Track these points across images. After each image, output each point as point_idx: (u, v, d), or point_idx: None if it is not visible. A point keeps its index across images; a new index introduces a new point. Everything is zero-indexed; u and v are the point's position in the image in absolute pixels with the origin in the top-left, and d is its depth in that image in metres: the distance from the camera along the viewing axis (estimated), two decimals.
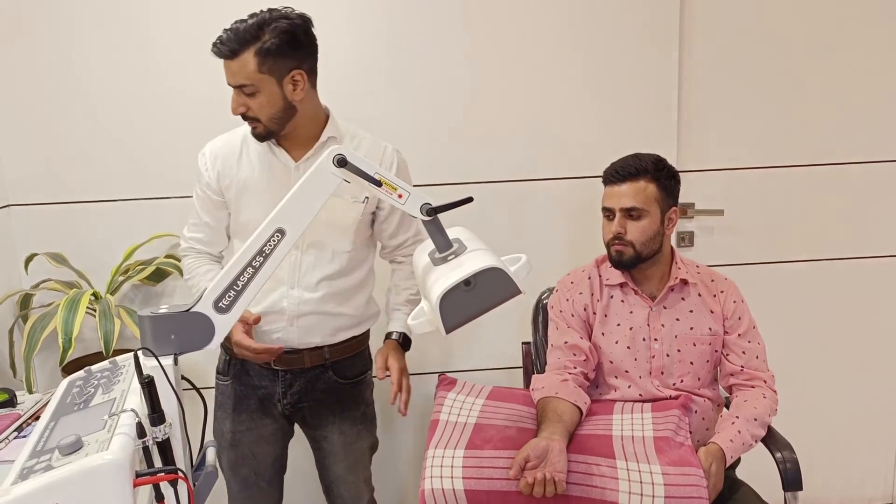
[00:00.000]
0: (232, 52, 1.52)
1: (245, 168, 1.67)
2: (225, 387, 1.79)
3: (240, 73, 1.53)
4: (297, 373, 1.75)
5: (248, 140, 1.69)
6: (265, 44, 1.52)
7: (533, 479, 1.41)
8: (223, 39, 1.52)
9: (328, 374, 1.76)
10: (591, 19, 2.16)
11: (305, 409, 1.78)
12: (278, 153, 1.67)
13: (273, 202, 1.62)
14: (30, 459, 0.93)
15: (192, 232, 1.77)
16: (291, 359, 1.72)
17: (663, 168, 1.71)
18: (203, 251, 1.77)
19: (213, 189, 1.70)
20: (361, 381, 1.84)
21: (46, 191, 2.15)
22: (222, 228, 1.76)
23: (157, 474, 0.95)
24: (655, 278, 1.77)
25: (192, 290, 1.76)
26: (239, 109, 1.58)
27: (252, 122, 1.60)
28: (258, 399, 1.77)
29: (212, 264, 1.77)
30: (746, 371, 1.73)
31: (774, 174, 2.33)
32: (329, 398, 1.78)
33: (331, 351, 1.75)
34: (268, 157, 1.67)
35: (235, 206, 1.69)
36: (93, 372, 1.20)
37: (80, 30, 2.06)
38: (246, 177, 1.67)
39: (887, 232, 2.39)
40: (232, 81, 1.55)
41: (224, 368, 1.80)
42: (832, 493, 2.53)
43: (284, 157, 1.67)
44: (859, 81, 2.28)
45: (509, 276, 1.19)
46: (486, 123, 2.20)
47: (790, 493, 1.64)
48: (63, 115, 2.11)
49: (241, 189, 1.67)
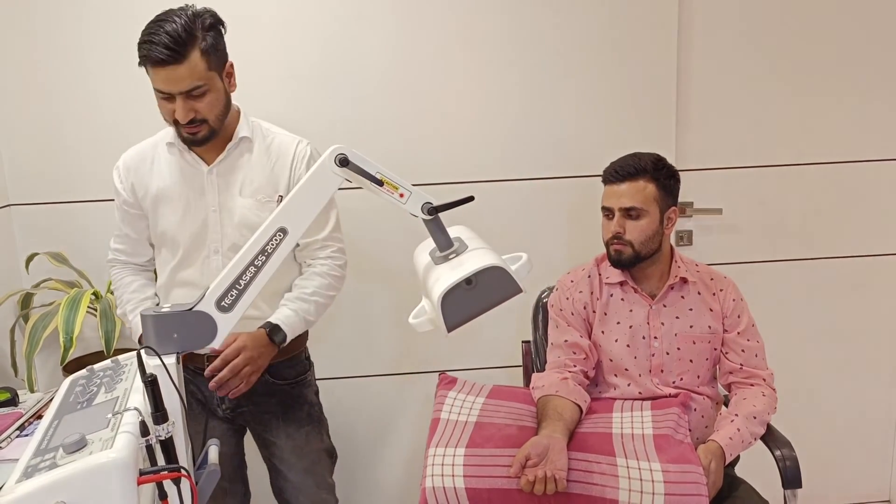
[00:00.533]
0: (181, 56, 1.47)
1: (156, 178, 1.65)
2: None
3: (191, 75, 1.48)
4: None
5: (158, 148, 1.67)
6: (205, 41, 1.49)
7: (534, 477, 1.42)
8: (165, 45, 1.45)
9: (265, 377, 1.66)
10: (590, 18, 2.17)
11: (247, 413, 1.76)
12: (189, 159, 1.64)
13: (189, 210, 1.63)
14: (34, 457, 0.93)
15: (116, 244, 1.77)
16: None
17: (663, 168, 1.72)
18: (127, 262, 1.77)
19: (129, 202, 1.69)
20: (302, 381, 1.80)
21: (47, 190, 2.15)
22: (143, 239, 1.75)
23: (160, 472, 0.96)
24: (655, 277, 1.78)
25: (118, 301, 1.75)
26: (189, 115, 1.52)
27: (196, 127, 1.54)
28: (200, 403, 1.76)
29: (136, 275, 1.77)
30: (745, 369, 1.74)
31: (773, 173, 2.33)
32: (269, 401, 1.75)
33: None
34: (179, 163, 1.65)
35: (153, 216, 1.67)
36: (95, 371, 1.20)
37: (82, 29, 2.06)
38: (158, 186, 1.65)
39: (885, 230, 2.40)
40: (181, 87, 1.49)
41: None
42: (830, 491, 2.54)
43: (196, 162, 1.64)
44: (857, 81, 2.29)
45: (510, 275, 1.20)
46: (486, 123, 2.20)
47: (789, 491, 1.64)
48: (63, 115, 2.11)
49: (155, 199, 1.65)
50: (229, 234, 1.65)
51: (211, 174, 1.64)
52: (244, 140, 1.65)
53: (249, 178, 1.65)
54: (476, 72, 2.17)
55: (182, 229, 1.66)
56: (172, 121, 1.55)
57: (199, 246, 1.66)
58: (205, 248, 1.66)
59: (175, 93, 1.50)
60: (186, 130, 1.56)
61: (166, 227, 1.66)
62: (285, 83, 2.12)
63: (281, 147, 1.68)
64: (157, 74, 1.49)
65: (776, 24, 2.24)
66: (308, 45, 2.10)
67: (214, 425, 1.77)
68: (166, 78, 1.49)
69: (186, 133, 1.56)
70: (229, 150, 1.64)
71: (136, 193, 1.68)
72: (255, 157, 1.67)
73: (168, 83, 1.49)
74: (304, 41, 2.10)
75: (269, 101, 2.08)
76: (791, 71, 2.27)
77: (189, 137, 1.57)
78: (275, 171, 1.66)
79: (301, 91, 2.12)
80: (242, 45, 2.09)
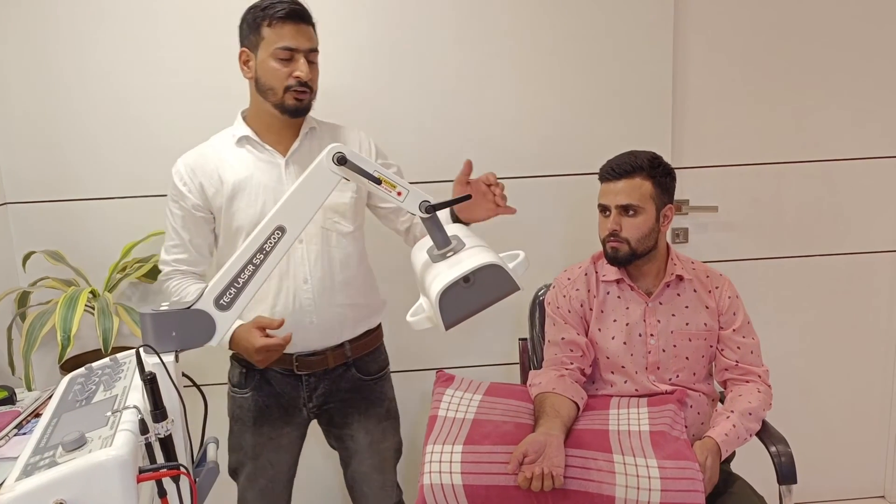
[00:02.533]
0: (310, 17, 1.60)
1: (229, 173, 1.65)
2: (243, 399, 1.76)
3: (314, 37, 1.61)
4: (321, 375, 1.74)
5: (222, 148, 1.68)
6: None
7: (531, 473, 1.43)
8: (299, 3, 1.58)
9: (351, 372, 1.76)
10: (587, 17, 2.17)
11: (332, 409, 1.78)
12: (265, 151, 1.67)
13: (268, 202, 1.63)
14: (33, 456, 0.93)
15: (174, 254, 1.70)
16: (314, 361, 1.72)
17: (659, 165, 1.72)
18: (188, 272, 1.71)
19: (198, 205, 1.66)
20: (382, 376, 1.85)
21: (44, 188, 2.14)
22: (206, 245, 1.72)
23: (159, 470, 0.96)
24: (651, 274, 1.79)
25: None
26: (308, 76, 1.59)
27: (305, 93, 1.61)
28: (281, 408, 1.76)
29: (200, 283, 1.70)
30: (741, 366, 1.75)
31: (768, 171, 2.34)
32: (354, 397, 1.78)
33: (352, 348, 1.75)
34: (253, 157, 1.66)
35: (227, 212, 1.65)
36: (94, 369, 1.20)
37: (78, 27, 2.06)
38: (235, 180, 1.64)
39: (879, 228, 2.41)
40: (311, 44, 1.60)
41: (241, 381, 1.76)
42: (825, 487, 2.55)
43: (272, 155, 1.66)
44: (852, 79, 2.30)
45: (508, 273, 1.20)
46: (482, 121, 2.21)
47: (784, 487, 1.65)
48: (60, 113, 2.10)
49: (231, 193, 1.64)
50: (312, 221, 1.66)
51: (288, 167, 1.66)
52: (312, 129, 1.70)
53: None
54: (472, 70, 2.17)
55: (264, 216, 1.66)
56: (283, 87, 1.59)
57: None
58: None
59: (303, 49, 1.58)
60: (297, 95, 1.60)
61: (243, 221, 1.64)
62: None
63: (345, 134, 1.75)
64: (288, 30, 1.56)
65: (771, 22, 2.25)
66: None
67: (286, 432, 1.78)
68: (297, 33, 1.57)
69: (295, 98, 1.60)
70: (302, 140, 1.68)
71: (205, 193, 1.66)
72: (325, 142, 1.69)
73: (298, 38, 1.57)
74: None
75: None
76: (786, 69, 2.28)
77: (295, 104, 1.61)
78: None
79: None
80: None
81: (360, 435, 1.80)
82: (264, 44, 1.58)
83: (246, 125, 1.68)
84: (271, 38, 1.57)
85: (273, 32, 1.57)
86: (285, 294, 1.66)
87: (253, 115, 1.69)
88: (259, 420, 1.75)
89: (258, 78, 1.61)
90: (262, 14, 1.58)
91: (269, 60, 1.58)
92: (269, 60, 1.58)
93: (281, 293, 1.66)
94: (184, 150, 1.67)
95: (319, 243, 1.67)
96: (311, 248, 1.66)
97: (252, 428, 1.76)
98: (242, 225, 1.64)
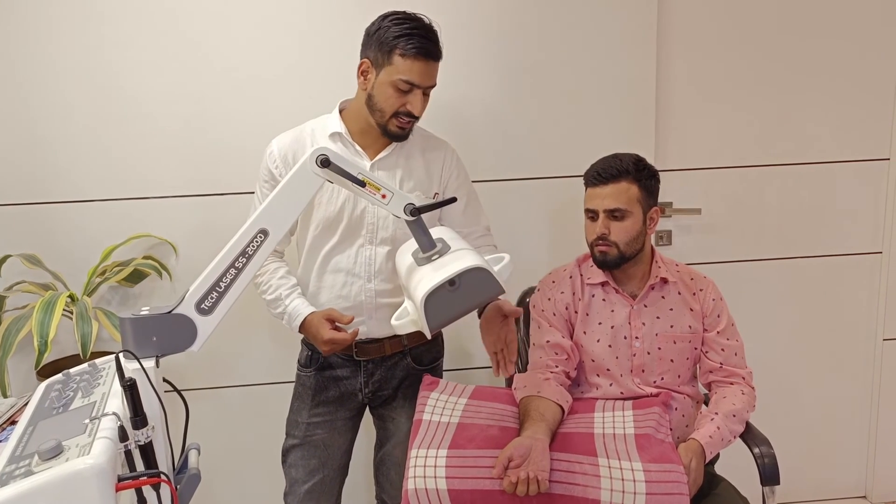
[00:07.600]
0: (441, 56, 1.62)
1: None
2: (306, 377, 1.83)
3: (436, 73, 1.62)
4: (378, 361, 1.79)
5: (315, 134, 1.71)
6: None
7: (516, 478, 1.42)
8: (437, 43, 1.60)
9: (406, 361, 1.81)
10: (570, 21, 2.17)
11: (386, 395, 1.83)
12: (355, 153, 1.69)
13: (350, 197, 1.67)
14: (9, 465, 0.91)
15: None
16: (371, 348, 1.77)
17: (644, 168, 1.73)
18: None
19: None
20: (436, 367, 1.89)
21: (20, 191, 2.10)
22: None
23: (139, 478, 0.94)
24: (636, 277, 1.79)
25: (266, 286, 1.76)
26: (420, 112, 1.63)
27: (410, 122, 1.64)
28: (339, 391, 1.81)
29: (279, 262, 1.79)
30: (725, 368, 1.76)
31: (751, 173, 2.36)
32: (405, 384, 1.83)
33: (409, 337, 1.78)
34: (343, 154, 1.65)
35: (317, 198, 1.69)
36: (72, 375, 1.18)
37: (55, 28, 2.03)
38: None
39: (861, 230, 2.43)
40: (433, 81, 1.62)
41: (307, 362, 1.83)
42: (807, 487, 2.58)
43: (359, 158, 1.69)
44: (834, 82, 2.32)
45: (493, 276, 1.20)
46: (466, 125, 2.20)
47: (768, 488, 1.66)
48: (37, 114, 2.07)
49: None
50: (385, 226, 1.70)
51: (373, 169, 1.68)
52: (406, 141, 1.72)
53: (408, 174, 1.72)
54: (456, 74, 2.16)
55: (342, 214, 1.69)
56: (392, 113, 1.61)
57: (355, 233, 1.70)
58: (360, 236, 1.70)
59: (425, 86, 1.60)
60: (402, 124, 1.63)
61: (320, 216, 1.69)
62: (260, 84, 2.10)
63: (435, 145, 1.78)
64: (417, 67, 1.57)
65: (754, 26, 2.27)
66: (288, 46, 2.09)
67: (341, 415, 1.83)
68: (426, 72, 1.59)
69: (398, 127, 1.63)
70: (393, 148, 1.70)
71: None
72: (413, 154, 1.74)
73: (425, 77, 1.59)
74: (284, 41, 2.08)
75: (263, 102, 2.07)
76: (769, 72, 2.30)
77: (397, 131, 1.65)
78: (430, 169, 1.75)
79: (283, 92, 2.10)
80: (232, 46, 2.07)
81: (402, 419, 1.84)
82: (390, 69, 1.58)
83: (341, 120, 1.70)
84: (400, 67, 1.57)
85: (403, 63, 1.57)
86: (349, 288, 1.71)
87: (352, 114, 1.70)
88: (316, 399, 1.81)
89: (372, 95, 1.62)
90: (396, 42, 1.56)
91: (389, 86, 1.59)
92: (388, 86, 1.59)
93: (345, 286, 1.72)
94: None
95: (388, 249, 1.71)
96: (379, 251, 1.70)
97: (309, 405, 1.81)
98: (319, 219, 1.69)
